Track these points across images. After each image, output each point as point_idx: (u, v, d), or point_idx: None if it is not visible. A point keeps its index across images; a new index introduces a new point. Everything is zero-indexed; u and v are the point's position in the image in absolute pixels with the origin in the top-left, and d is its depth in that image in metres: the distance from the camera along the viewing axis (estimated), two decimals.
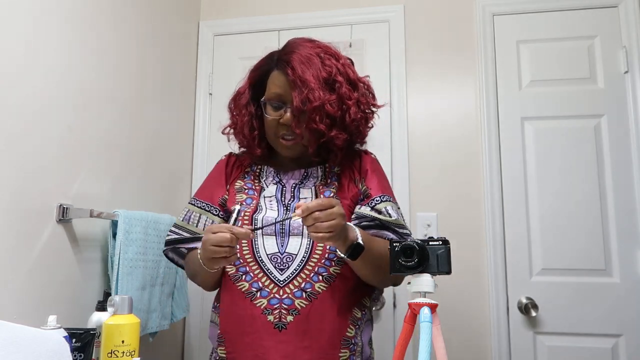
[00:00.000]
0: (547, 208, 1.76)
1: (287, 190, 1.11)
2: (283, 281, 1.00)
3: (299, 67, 1.02)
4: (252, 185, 1.13)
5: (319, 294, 1.00)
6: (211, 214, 1.13)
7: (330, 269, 1.03)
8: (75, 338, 1.01)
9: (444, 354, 0.83)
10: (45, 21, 1.17)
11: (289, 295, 0.99)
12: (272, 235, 1.04)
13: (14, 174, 1.05)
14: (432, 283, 0.90)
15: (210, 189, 1.17)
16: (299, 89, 1.01)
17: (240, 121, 1.11)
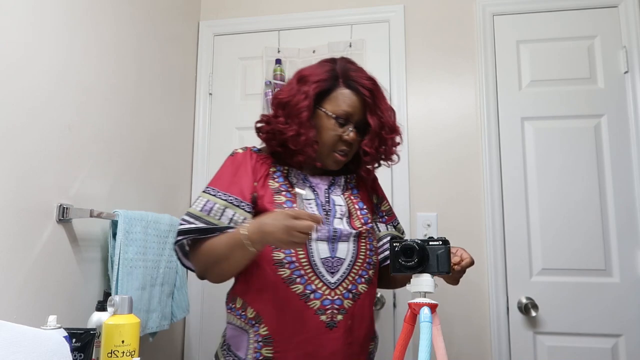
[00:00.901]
0: (547, 208, 1.76)
1: (321, 195, 1.17)
2: (334, 283, 1.07)
3: (377, 95, 1.15)
4: (287, 187, 1.15)
5: (361, 294, 1.11)
6: (241, 209, 1.10)
7: (369, 271, 1.14)
8: (75, 338, 1.01)
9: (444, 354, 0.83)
10: (45, 20, 1.16)
11: (339, 296, 1.07)
12: (325, 241, 1.10)
13: (13, 174, 1.05)
14: (432, 283, 0.90)
15: (239, 183, 1.13)
16: (378, 115, 1.14)
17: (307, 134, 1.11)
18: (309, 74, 1.16)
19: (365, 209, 1.20)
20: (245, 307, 1.10)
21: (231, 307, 1.15)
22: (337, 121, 1.13)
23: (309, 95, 1.12)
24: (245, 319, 1.10)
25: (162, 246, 1.50)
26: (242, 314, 1.11)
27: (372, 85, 1.15)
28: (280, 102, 1.15)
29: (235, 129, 2.04)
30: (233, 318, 1.14)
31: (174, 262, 1.58)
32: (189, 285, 1.92)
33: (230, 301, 1.17)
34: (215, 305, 1.94)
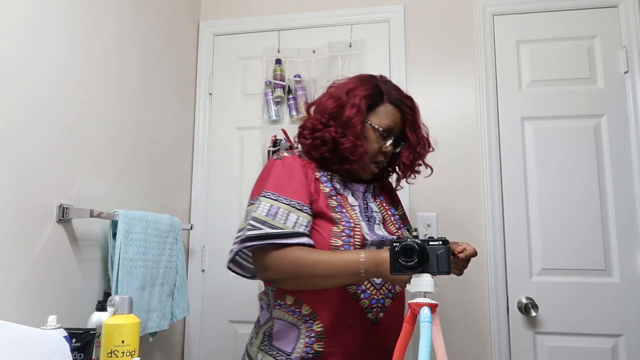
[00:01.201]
0: (547, 208, 1.76)
1: (360, 201, 1.24)
2: (379, 284, 1.15)
3: (416, 112, 1.26)
4: (335, 192, 1.20)
5: (398, 294, 1.19)
6: (304, 213, 1.12)
7: None
8: (75, 338, 1.01)
9: (444, 354, 0.83)
10: (45, 20, 1.17)
11: (382, 295, 1.15)
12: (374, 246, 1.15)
13: (14, 174, 1.05)
14: (432, 283, 0.90)
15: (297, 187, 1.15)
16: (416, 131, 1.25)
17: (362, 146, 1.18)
18: (356, 87, 1.23)
19: (396, 214, 1.31)
20: (300, 304, 1.13)
21: (280, 304, 1.16)
22: (381, 134, 1.21)
23: (361, 109, 1.19)
24: (299, 315, 1.13)
25: (162, 246, 1.50)
26: (295, 310, 1.13)
27: (411, 103, 1.25)
28: (332, 113, 1.21)
29: (235, 129, 2.04)
30: (283, 314, 1.15)
31: (173, 262, 1.58)
32: (189, 285, 1.93)
33: (278, 298, 1.17)
34: (216, 305, 1.94)
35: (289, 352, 1.11)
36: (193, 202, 2.01)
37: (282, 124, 1.98)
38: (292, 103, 1.95)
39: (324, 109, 1.22)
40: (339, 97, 1.22)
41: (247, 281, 1.96)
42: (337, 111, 1.20)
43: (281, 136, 1.94)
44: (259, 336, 1.19)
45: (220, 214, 1.99)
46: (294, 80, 1.97)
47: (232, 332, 1.92)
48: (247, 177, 1.99)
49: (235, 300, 1.92)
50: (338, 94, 1.23)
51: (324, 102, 1.24)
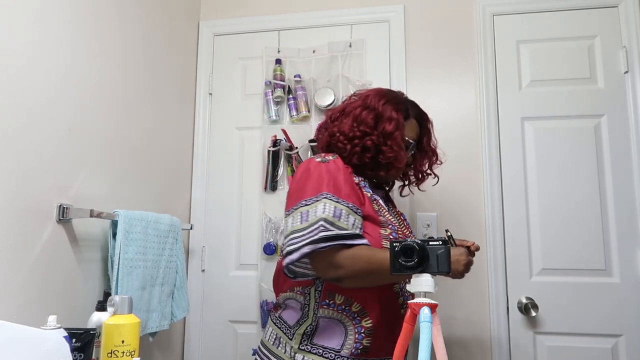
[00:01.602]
0: (547, 208, 1.76)
1: (382, 205, 1.29)
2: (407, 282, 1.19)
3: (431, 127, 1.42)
4: (372, 197, 1.27)
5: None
6: (359, 216, 1.16)
7: None
8: (75, 338, 1.01)
9: (444, 354, 0.83)
10: (46, 21, 1.17)
11: (411, 293, 1.16)
12: None
13: (13, 174, 1.05)
14: (432, 283, 0.90)
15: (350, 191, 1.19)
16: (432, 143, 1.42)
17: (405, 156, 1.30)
18: (388, 100, 1.32)
19: (407, 220, 1.42)
20: (350, 302, 1.16)
21: (329, 303, 1.17)
22: (407, 145, 1.33)
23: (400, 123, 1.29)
24: (349, 313, 1.16)
25: (162, 246, 1.50)
26: (345, 308, 1.16)
27: (429, 119, 1.41)
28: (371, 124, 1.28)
29: (235, 129, 2.04)
30: (331, 312, 1.17)
31: (174, 262, 1.58)
32: (189, 285, 1.93)
33: (326, 297, 1.17)
34: (216, 305, 1.94)
35: (337, 349, 1.14)
36: (193, 202, 2.01)
37: (282, 124, 1.98)
38: (292, 103, 1.95)
39: (362, 120, 1.28)
40: (374, 108, 1.30)
41: (247, 281, 1.97)
42: (376, 122, 1.28)
43: (281, 136, 1.94)
44: (295, 338, 1.17)
45: (220, 214, 1.99)
46: (294, 80, 1.97)
47: (232, 332, 1.92)
48: (247, 177, 1.99)
49: (235, 300, 1.92)
50: (373, 105, 1.30)
51: (359, 113, 1.30)
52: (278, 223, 1.91)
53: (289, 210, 1.18)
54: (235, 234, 1.97)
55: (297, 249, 1.09)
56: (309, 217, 1.12)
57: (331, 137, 1.32)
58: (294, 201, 1.18)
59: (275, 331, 1.23)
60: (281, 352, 1.18)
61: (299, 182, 1.20)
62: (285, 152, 1.93)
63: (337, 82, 1.93)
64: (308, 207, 1.13)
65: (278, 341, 1.20)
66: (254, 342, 1.87)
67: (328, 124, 1.36)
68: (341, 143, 1.28)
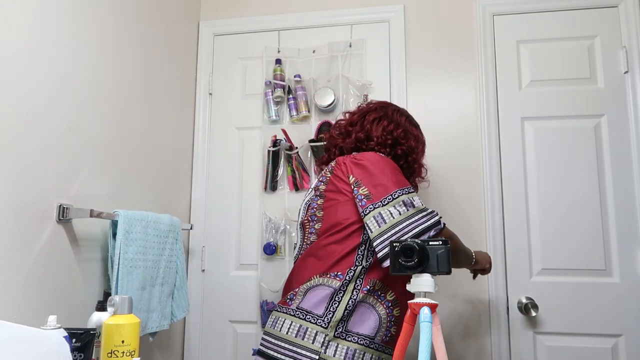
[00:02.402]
0: (547, 208, 1.76)
1: None
2: None
3: None
4: None
5: None
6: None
7: None
8: (75, 338, 1.01)
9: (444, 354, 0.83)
10: (46, 20, 1.17)
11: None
12: None
13: (13, 174, 1.05)
14: (432, 283, 0.90)
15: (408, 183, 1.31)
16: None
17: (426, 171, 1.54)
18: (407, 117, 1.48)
19: None
20: (386, 290, 1.23)
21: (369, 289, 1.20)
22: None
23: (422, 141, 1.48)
24: (383, 300, 1.22)
25: (162, 246, 1.50)
26: (381, 294, 1.22)
27: None
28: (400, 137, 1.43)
29: (235, 129, 2.04)
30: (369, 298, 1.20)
31: (174, 262, 1.58)
32: (189, 285, 1.93)
33: (367, 283, 1.21)
34: (216, 305, 1.94)
35: (372, 336, 1.19)
36: (193, 202, 2.01)
37: (282, 124, 1.98)
38: (292, 103, 1.95)
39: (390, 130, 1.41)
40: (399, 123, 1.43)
41: (247, 281, 1.97)
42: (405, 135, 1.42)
43: (281, 136, 1.94)
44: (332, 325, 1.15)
45: (220, 214, 1.99)
46: (294, 80, 1.97)
47: (232, 332, 1.92)
48: (247, 177, 1.99)
49: (235, 300, 1.92)
50: (397, 120, 1.44)
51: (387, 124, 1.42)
52: (278, 223, 1.91)
53: (385, 197, 1.20)
54: (235, 234, 1.97)
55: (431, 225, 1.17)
56: (415, 203, 1.20)
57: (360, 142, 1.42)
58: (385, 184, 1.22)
59: (296, 323, 1.17)
60: (308, 342, 1.13)
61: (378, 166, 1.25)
62: (285, 152, 1.93)
63: (337, 82, 1.93)
64: (405, 196, 1.21)
65: (303, 332, 1.15)
66: (254, 342, 1.87)
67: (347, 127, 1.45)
68: (379, 145, 1.39)
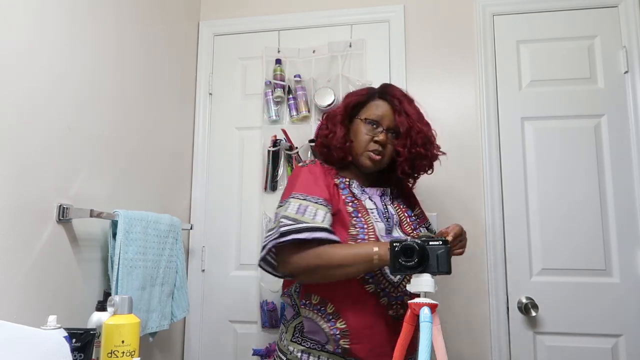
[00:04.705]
0: (547, 208, 1.76)
1: (378, 204, 1.30)
2: (397, 282, 1.19)
3: (404, 101, 1.31)
4: (352, 198, 1.28)
5: None
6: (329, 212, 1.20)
7: None
8: (75, 338, 1.01)
9: (444, 353, 0.83)
10: (46, 20, 1.17)
11: (401, 293, 1.20)
12: None
13: (13, 174, 1.05)
14: (432, 283, 0.90)
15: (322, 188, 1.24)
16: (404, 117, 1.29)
17: (339, 132, 1.32)
18: (352, 93, 1.40)
19: (413, 215, 1.37)
20: (325, 303, 1.19)
21: (306, 303, 1.23)
22: (371, 125, 1.30)
23: (347, 105, 1.35)
24: (324, 314, 1.19)
25: (162, 246, 1.50)
26: (320, 308, 1.20)
27: (401, 95, 1.33)
28: (328, 116, 1.39)
29: (235, 129, 2.04)
30: (309, 313, 1.22)
31: (173, 262, 1.58)
32: (189, 285, 1.93)
33: (304, 298, 1.24)
34: (216, 305, 1.94)
35: (323, 343, 1.19)
36: (193, 202, 2.01)
37: (282, 124, 1.98)
38: (292, 103, 1.95)
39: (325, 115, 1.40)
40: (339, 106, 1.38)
41: (247, 281, 1.97)
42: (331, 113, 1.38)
43: (281, 136, 1.94)
44: (289, 330, 1.25)
45: (220, 214, 1.99)
46: (294, 80, 1.97)
47: (232, 332, 1.92)
48: (247, 177, 1.99)
49: (235, 300, 1.92)
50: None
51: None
52: None
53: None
54: (235, 234, 1.97)
55: (263, 247, 1.19)
56: (276, 218, 1.20)
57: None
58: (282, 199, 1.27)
59: (281, 327, 1.32)
60: (282, 344, 1.26)
61: (284, 189, 1.31)
62: (285, 152, 1.93)
63: (337, 82, 1.93)
64: (279, 209, 1.22)
65: (281, 336, 1.29)
66: (254, 342, 1.87)
67: None
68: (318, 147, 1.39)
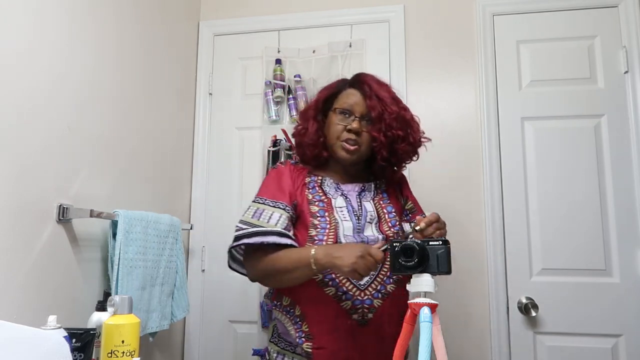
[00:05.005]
0: (547, 208, 1.76)
1: (353, 201, 1.25)
2: (363, 285, 1.14)
3: (374, 85, 1.25)
4: (320, 197, 1.24)
5: (390, 293, 1.16)
6: (287, 213, 1.19)
7: None
8: (75, 338, 1.01)
9: (444, 353, 0.83)
10: (46, 20, 1.16)
11: (368, 296, 1.14)
12: None
13: (13, 174, 1.05)
14: (432, 283, 0.90)
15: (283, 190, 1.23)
16: (375, 101, 1.22)
17: (311, 127, 1.28)
18: (325, 86, 1.35)
19: (393, 212, 1.29)
20: (294, 305, 1.18)
21: (276, 304, 1.23)
22: (343, 114, 1.25)
23: (318, 99, 1.31)
24: (292, 316, 1.18)
25: (162, 246, 1.50)
26: (289, 310, 1.19)
27: (372, 80, 1.27)
28: (301, 112, 1.36)
29: (235, 129, 2.04)
30: (280, 314, 1.22)
31: (173, 262, 1.58)
32: (189, 285, 1.93)
33: (275, 299, 1.25)
34: (216, 305, 1.94)
35: (294, 346, 1.18)
36: (193, 202, 2.01)
37: (282, 124, 1.98)
38: (292, 103, 1.95)
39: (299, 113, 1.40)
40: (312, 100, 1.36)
41: (247, 281, 1.95)
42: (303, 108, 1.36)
43: (281, 136, 1.94)
44: (270, 330, 1.28)
45: (220, 214, 1.99)
46: (294, 80, 1.97)
47: (232, 332, 1.92)
48: (247, 177, 1.99)
49: (235, 300, 1.92)
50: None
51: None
52: None
53: None
54: None
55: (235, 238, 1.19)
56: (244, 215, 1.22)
57: None
58: None
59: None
60: (269, 343, 1.27)
61: None
62: (285, 152, 1.93)
63: None
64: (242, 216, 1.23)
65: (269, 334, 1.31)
66: (254, 342, 1.87)
67: None
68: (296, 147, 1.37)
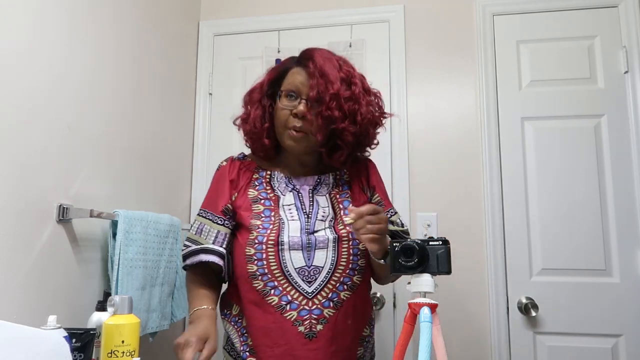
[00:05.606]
0: (547, 208, 1.76)
1: (304, 197, 1.13)
2: (311, 293, 1.04)
3: (319, 61, 1.08)
4: (267, 195, 1.13)
5: (344, 302, 1.05)
6: (222, 226, 1.13)
7: (353, 277, 1.08)
8: (75, 338, 1.01)
9: (444, 354, 0.83)
10: (45, 20, 1.16)
11: (317, 305, 1.03)
12: (299, 250, 1.06)
13: (13, 174, 1.05)
14: (432, 283, 0.90)
15: (216, 200, 1.15)
16: (318, 79, 1.06)
17: (254, 113, 1.15)
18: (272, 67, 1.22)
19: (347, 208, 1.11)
20: (242, 315, 1.11)
21: (226, 313, 1.16)
22: (288, 97, 1.10)
23: (264, 81, 1.18)
24: (239, 327, 1.11)
25: (162, 246, 1.50)
26: (238, 320, 1.12)
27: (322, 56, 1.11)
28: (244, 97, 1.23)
29: (235, 128, 2.03)
30: (227, 325, 1.14)
31: (174, 262, 1.58)
32: None
33: (225, 307, 1.17)
34: None
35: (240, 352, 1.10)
36: (193, 202, 2.01)
37: None
38: None
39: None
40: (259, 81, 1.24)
41: None
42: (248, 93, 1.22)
43: None
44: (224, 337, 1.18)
45: None
46: None
47: None
48: None
49: None
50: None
51: None
52: None
53: None
54: None
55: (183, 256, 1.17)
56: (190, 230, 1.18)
57: None
58: None
59: None
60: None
61: None
62: None
63: None
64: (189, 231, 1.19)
65: None
66: None
67: None
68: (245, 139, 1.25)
